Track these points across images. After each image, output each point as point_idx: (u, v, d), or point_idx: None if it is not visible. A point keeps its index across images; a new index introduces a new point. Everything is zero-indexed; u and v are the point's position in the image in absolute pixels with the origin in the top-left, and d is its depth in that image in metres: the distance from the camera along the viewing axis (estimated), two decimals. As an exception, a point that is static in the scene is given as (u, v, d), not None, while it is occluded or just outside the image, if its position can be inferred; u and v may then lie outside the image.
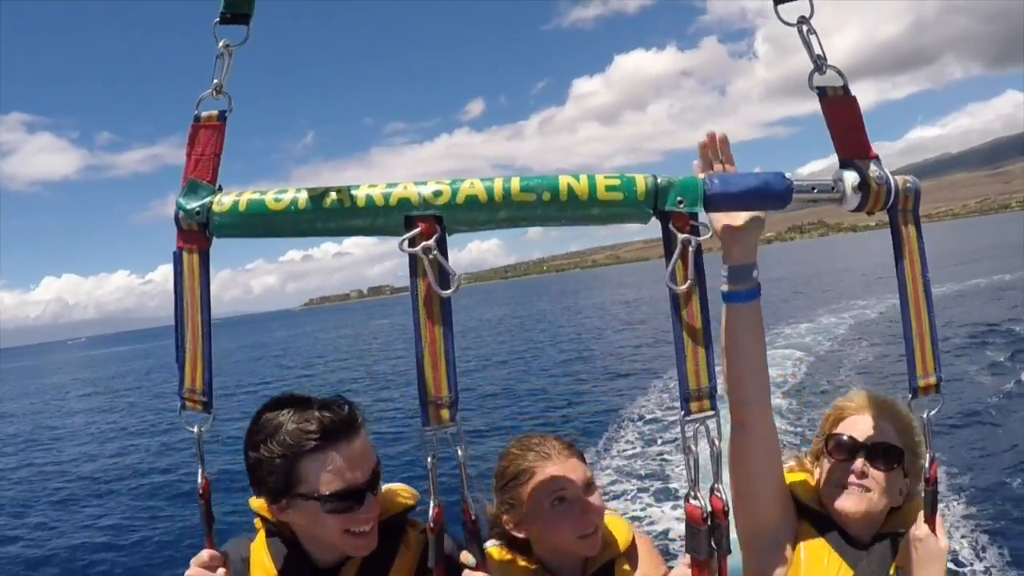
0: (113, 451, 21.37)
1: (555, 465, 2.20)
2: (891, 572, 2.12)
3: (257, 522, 2.18)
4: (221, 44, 1.83)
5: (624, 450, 12.90)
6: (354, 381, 29.91)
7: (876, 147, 1.84)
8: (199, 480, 1.88)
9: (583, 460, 2.28)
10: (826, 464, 2.28)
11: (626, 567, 2.27)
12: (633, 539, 2.32)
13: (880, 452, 2.18)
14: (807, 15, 1.85)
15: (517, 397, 21.06)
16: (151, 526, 13.55)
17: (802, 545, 2.20)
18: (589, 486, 2.22)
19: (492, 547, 2.30)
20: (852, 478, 2.18)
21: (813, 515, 2.26)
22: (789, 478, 2.30)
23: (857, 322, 26.57)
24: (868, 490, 2.17)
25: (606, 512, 2.27)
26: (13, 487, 18.46)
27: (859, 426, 2.24)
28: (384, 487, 2.16)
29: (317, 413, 1.97)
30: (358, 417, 2.03)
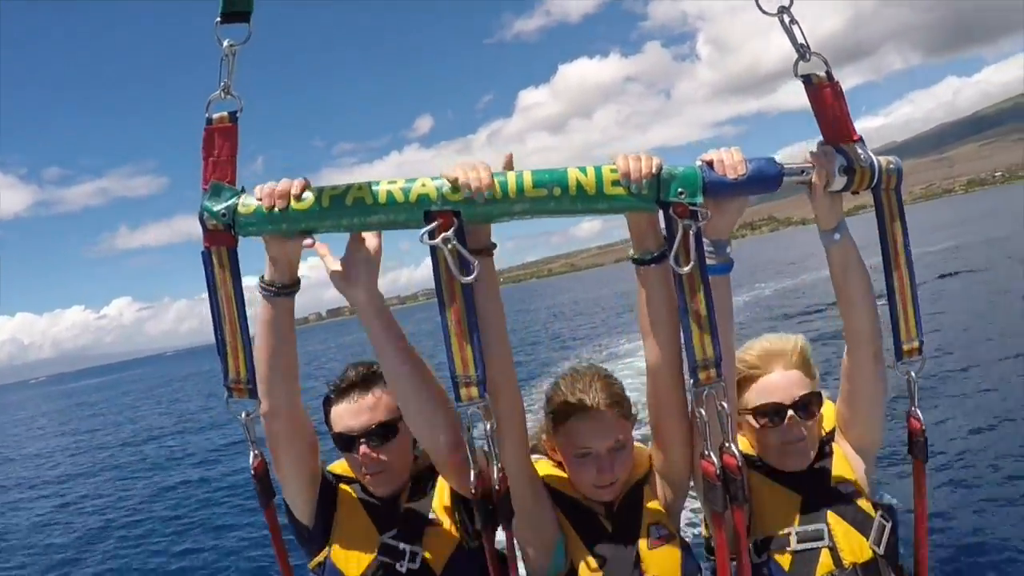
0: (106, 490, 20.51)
1: (586, 423, 2.25)
2: (831, 483, 2.35)
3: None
4: (225, 44, 1.86)
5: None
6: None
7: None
8: (251, 460, 2.07)
9: (624, 414, 2.30)
10: (754, 426, 2.40)
11: (648, 488, 2.37)
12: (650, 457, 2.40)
13: (804, 406, 2.33)
14: (787, 4, 1.89)
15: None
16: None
17: (756, 489, 2.35)
18: (619, 449, 2.27)
19: (541, 460, 2.43)
20: (790, 441, 2.34)
21: (758, 464, 2.42)
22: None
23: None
24: (804, 441, 2.34)
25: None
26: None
27: (774, 387, 2.36)
28: None
29: (346, 373, 2.47)
30: (368, 378, 2.44)
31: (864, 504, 2.31)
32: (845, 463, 2.39)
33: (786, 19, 1.89)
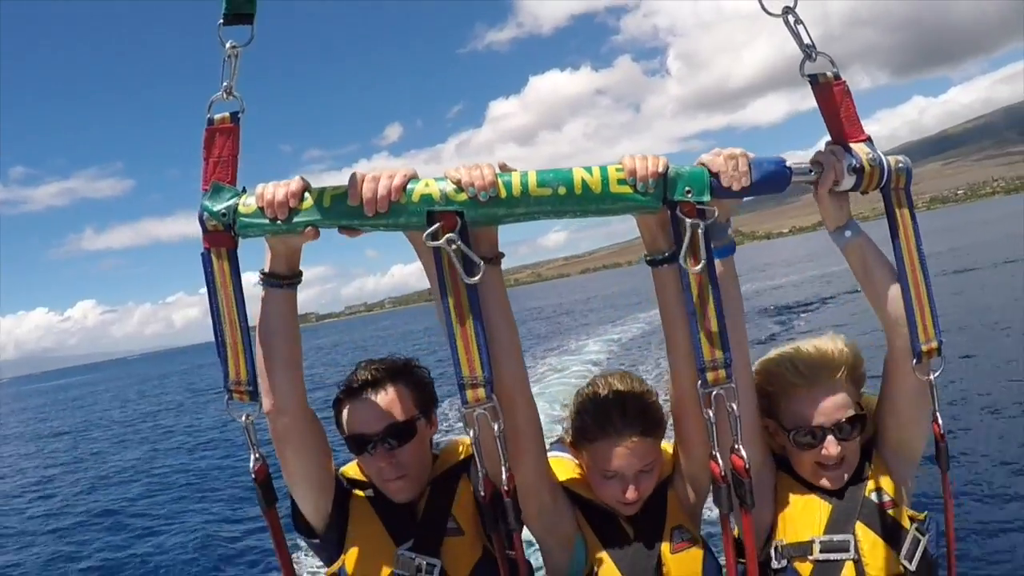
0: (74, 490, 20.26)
1: (616, 446, 2.17)
2: (865, 493, 2.21)
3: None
4: (228, 46, 1.85)
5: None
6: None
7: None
8: (251, 465, 2.00)
9: (656, 435, 2.22)
10: (792, 448, 2.25)
11: (671, 491, 2.31)
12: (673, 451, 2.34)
13: (847, 429, 2.17)
14: (791, 5, 1.89)
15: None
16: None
17: (785, 493, 2.26)
18: (646, 472, 2.20)
19: (564, 458, 2.36)
20: (826, 465, 2.19)
21: (789, 465, 2.30)
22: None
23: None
24: (841, 466, 2.19)
25: None
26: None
27: (816, 406, 2.18)
28: (450, 440, 2.50)
29: (358, 371, 2.35)
30: (383, 376, 2.31)
31: (900, 516, 2.18)
32: (883, 470, 2.24)
33: (791, 19, 1.90)
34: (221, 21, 1.85)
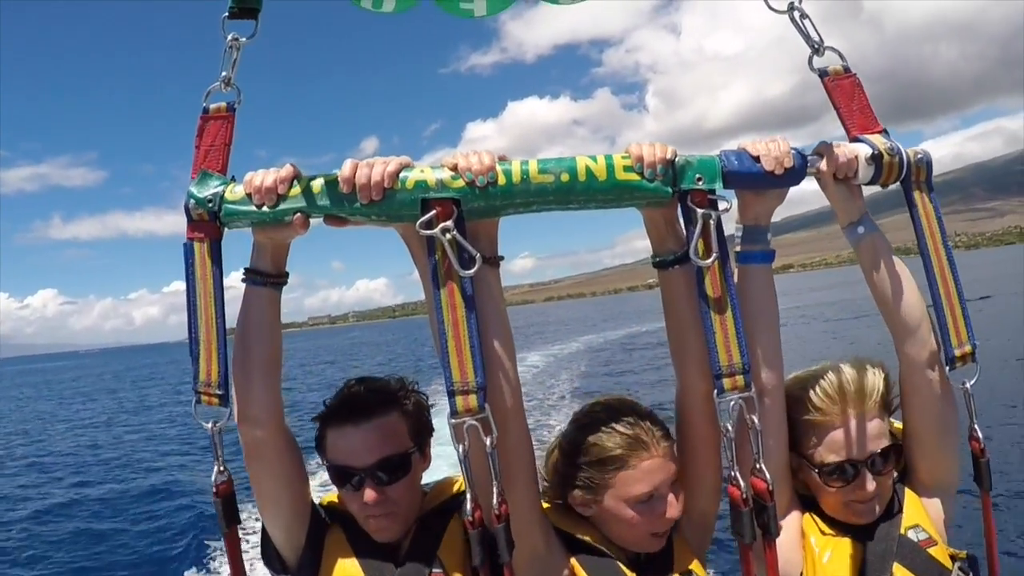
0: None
1: (651, 460, 1.91)
2: (901, 531, 1.97)
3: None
4: (230, 37, 1.83)
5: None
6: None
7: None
8: (214, 477, 1.82)
9: (673, 443, 1.98)
10: (819, 486, 2.01)
11: (675, 531, 2.03)
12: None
13: (881, 460, 1.95)
14: (797, 2, 1.88)
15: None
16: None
17: (812, 535, 2.02)
18: (676, 480, 1.96)
19: (546, 509, 2.05)
20: (863, 500, 1.97)
21: (815, 504, 2.06)
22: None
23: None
24: (875, 500, 1.98)
25: None
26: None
27: (849, 438, 1.95)
28: (444, 478, 2.22)
29: (348, 389, 2.10)
30: (376, 400, 2.04)
31: (939, 554, 1.95)
32: (917, 504, 2.02)
33: (797, 15, 1.89)
34: (226, 14, 1.84)
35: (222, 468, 1.82)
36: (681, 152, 1.72)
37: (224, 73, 1.85)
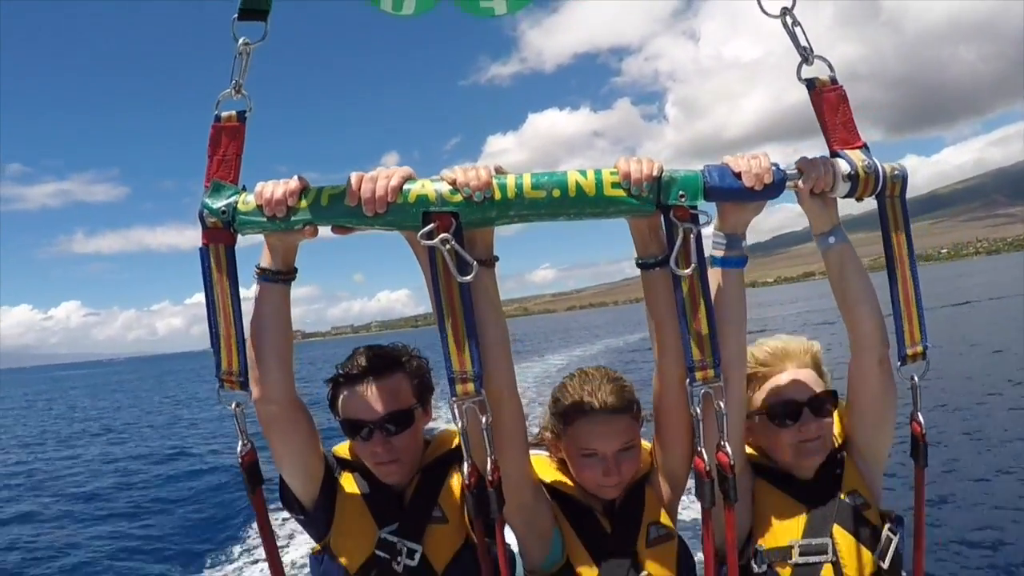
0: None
1: (595, 424, 2.21)
2: (841, 496, 2.26)
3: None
4: (240, 42, 1.87)
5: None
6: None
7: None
8: (239, 450, 2.06)
9: (634, 417, 2.26)
10: (768, 428, 2.30)
11: (649, 487, 2.32)
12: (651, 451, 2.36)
13: (821, 404, 2.26)
14: (789, 6, 1.90)
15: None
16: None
17: (763, 498, 2.29)
18: (626, 451, 2.22)
19: (541, 456, 2.37)
20: (808, 440, 2.25)
21: (765, 470, 2.35)
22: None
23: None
24: (820, 440, 2.26)
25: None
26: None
27: (790, 383, 2.28)
28: (444, 428, 2.54)
29: (356, 357, 2.37)
30: (384, 363, 2.34)
31: (872, 516, 2.25)
32: (855, 473, 2.32)
33: (788, 21, 1.91)
34: (236, 16, 1.88)
35: (245, 441, 2.06)
36: (699, 164, 1.88)
37: (235, 79, 1.92)
